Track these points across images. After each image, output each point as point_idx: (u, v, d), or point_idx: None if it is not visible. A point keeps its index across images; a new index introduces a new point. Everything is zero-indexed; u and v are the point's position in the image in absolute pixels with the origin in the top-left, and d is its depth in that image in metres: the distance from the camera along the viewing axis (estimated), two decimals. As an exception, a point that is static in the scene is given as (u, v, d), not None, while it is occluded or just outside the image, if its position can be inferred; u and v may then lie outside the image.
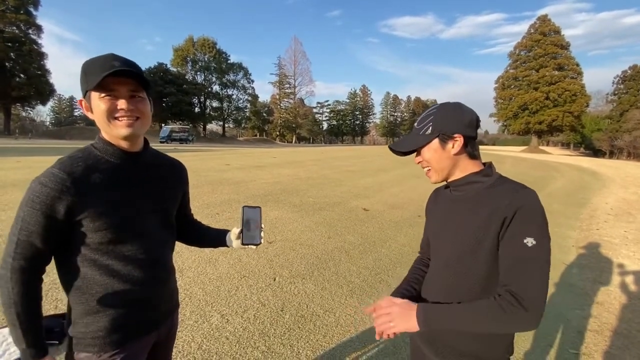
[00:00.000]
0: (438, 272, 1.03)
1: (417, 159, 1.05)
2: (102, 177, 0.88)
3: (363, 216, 5.96)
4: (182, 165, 1.18)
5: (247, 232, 1.12)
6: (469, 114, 0.97)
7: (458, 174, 1.00)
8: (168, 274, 1.08)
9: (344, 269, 3.64)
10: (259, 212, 1.15)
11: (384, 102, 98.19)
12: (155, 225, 1.00)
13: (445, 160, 0.98)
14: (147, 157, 1.00)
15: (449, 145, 0.96)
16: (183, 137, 38.94)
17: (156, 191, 1.01)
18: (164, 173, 1.06)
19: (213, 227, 1.28)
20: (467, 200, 0.97)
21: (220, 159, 15.72)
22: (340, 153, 24.03)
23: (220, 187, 7.83)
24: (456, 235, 0.96)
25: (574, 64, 49.43)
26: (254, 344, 2.26)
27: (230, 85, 58.96)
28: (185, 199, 1.20)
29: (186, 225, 1.22)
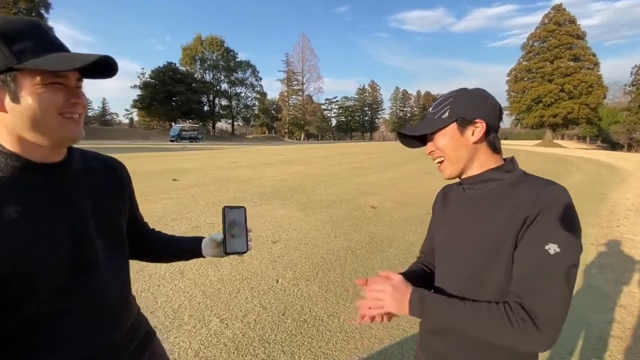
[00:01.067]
0: (448, 280, 0.88)
1: (428, 147, 0.90)
2: (16, 209, 0.61)
3: (371, 214, 5.81)
4: (119, 163, 0.91)
5: (231, 239, 0.91)
6: (492, 99, 0.84)
7: (475, 169, 0.85)
8: (129, 311, 0.85)
9: (350, 269, 3.52)
10: (243, 213, 0.95)
11: (393, 97, 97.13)
12: (105, 252, 0.76)
13: (462, 149, 0.83)
14: (74, 165, 0.74)
15: (468, 132, 0.82)
16: (193, 136, 39.30)
17: (98, 206, 0.76)
18: (101, 179, 0.80)
19: (181, 236, 1.07)
20: (485, 201, 0.82)
21: (228, 156, 15.75)
22: (349, 149, 23.84)
23: (227, 185, 7.78)
24: (470, 244, 0.82)
25: (591, 55, 47.83)
26: (253, 351, 2.16)
27: (238, 83, 59.18)
28: (133, 206, 0.94)
29: (142, 237, 0.99)
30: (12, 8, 31.58)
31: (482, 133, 0.81)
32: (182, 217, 5.01)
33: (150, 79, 48.04)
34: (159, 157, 15.30)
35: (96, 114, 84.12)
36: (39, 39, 0.61)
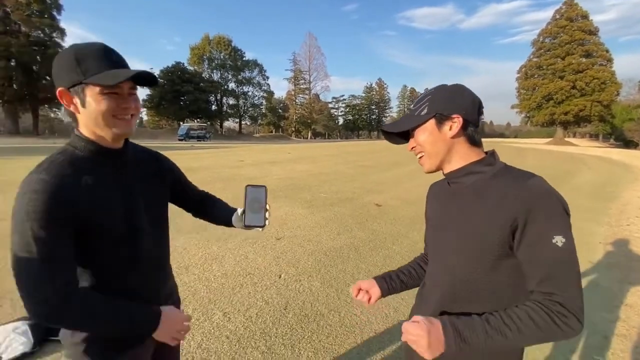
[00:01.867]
0: (437, 275, 0.91)
1: (410, 143, 0.93)
2: (91, 178, 0.82)
3: (375, 212, 5.81)
4: (162, 155, 1.12)
5: (251, 214, 1.04)
6: (469, 95, 0.86)
7: (456, 163, 0.87)
8: (166, 272, 1.07)
9: (352, 266, 3.54)
10: (263, 191, 1.06)
11: (401, 95, 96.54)
12: (150, 223, 0.95)
13: (440, 144, 0.86)
14: (129, 153, 0.95)
15: (445, 127, 0.84)
16: (200, 135, 39.62)
17: (145, 187, 0.96)
18: (148, 167, 1.01)
19: (227, 205, 1.24)
20: (467, 194, 0.85)
21: (235, 155, 15.87)
22: (355, 148, 23.80)
23: (233, 183, 7.86)
24: (456, 233, 0.84)
25: (604, 50, 46.72)
26: (254, 344, 2.20)
27: (245, 83, 59.44)
28: (182, 184, 1.18)
29: (198, 202, 1.24)
30: (26, 10, 32.23)
31: (459, 128, 0.83)
32: (188, 215, 5.07)
33: (159, 78, 48.51)
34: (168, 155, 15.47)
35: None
36: (100, 59, 0.78)
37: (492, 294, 0.80)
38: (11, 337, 2.04)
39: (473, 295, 0.82)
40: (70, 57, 0.77)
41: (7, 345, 2.01)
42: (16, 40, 32.06)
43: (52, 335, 2.14)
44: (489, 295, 0.81)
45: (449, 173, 0.90)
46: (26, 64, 33.28)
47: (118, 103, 0.81)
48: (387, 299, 2.89)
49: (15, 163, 9.96)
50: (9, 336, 2.05)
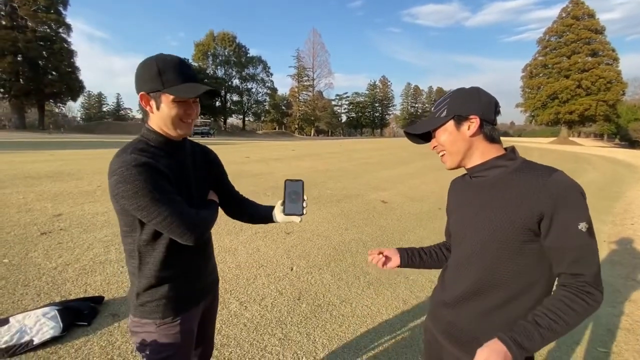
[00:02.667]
0: (462, 265, 0.98)
1: (432, 142, 1.02)
2: (164, 162, 0.99)
3: (381, 208, 5.90)
4: (211, 150, 1.30)
5: (290, 204, 1.16)
6: (486, 96, 0.94)
7: (477, 159, 0.96)
8: (211, 249, 1.24)
9: (361, 260, 3.63)
10: (301, 185, 1.17)
11: (405, 93, 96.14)
12: (201, 205, 1.11)
13: (460, 143, 0.94)
14: (187, 145, 1.13)
15: (464, 127, 0.93)
16: (205, 131, 39.80)
17: (198, 173, 1.14)
18: (200, 157, 1.19)
19: (261, 204, 1.36)
20: (490, 186, 0.93)
21: (240, 151, 15.97)
22: (359, 145, 23.83)
23: (240, 179, 7.95)
24: (480, 224, 0.92)
25: (610, 50, 46.34)
26: (271, 331, 2.30)
27: (249, 79, 59.55)
28: (224, 179, 1.31)
29: (234, 202, 1.33)
30: (33, 5, 32.38)
31: (477, 127, 0.92)
32: (199, 208, 5.19)
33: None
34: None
35: (110, 109, 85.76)
36: (178, 73, 0.96)
37: (515, 277, 0.88)
38: (41, 322, 2.15)
39: (498, 278, 0.89)
40: (153, 67, 0.94)
41: (38, 329, 2.12)
42: (23, 36, 32.26)
43: (80, 320, 2.25)
44: (511, 277, 0.88)
45: (471, 168, 0.98)
46: (33, 59, 33.49)
47: (185, 109, 0.99)
48: (398, 291, 3.00)
49: (38, 156, 10.11)
50: (40, 321, 2.15)
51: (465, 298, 0.95)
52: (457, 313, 0.98)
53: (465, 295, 0.95)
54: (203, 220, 1.02)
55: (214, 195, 1.22)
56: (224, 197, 1.28)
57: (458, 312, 0.97)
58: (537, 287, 0.88)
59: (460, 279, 0.98)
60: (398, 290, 3.02)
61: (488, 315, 0.91)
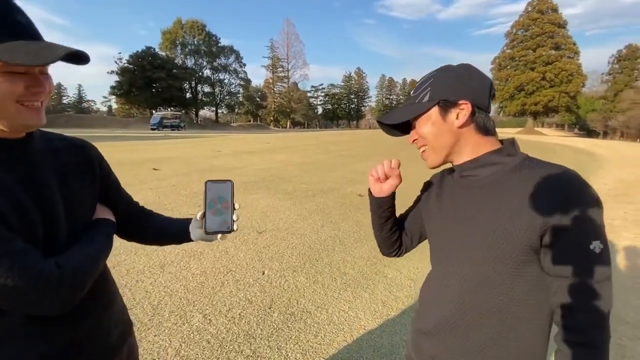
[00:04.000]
0: (443, 286, 0.78)
1: (411, 135, 0.81)
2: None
3: (358, 202, 5.75)
4: (88, 144, 0.85)
5: (213, 217, 0.80)
6: (478, 76, 0.73)
7: (467, 154, 0.75)
8: (108, 292, 0.85)
9: (338, 259, 3.44)
10: (229, 187, 0.82)
11: (379, 85, 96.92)
12: (74, 232, 0.73)
13: (445, 135, 0.74)
14: (37, 143, 0.71)
15: (451, 115, 0.72)
16: (175, 124, 38.22)
17: (68, 185, 0.73)
18: (65, 160, 0.76)
19: (173, 217, 0.99)
20: (485, 187, 0.72)
21: (212, 145, 15.36)
22: (336, 137, 23.69)
23: (210, 174, 7.54)
24: (473, 232, 0.72)
25: (571, 43, 48.83)
26: (237, 348, 2.06)
27: (221, 70, 57.61)
28: (112, 187, 0.90)
29: (132, 219, 0.93)
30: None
31: (467, 116, 0.71)
32: (163, 208, 4.80)
33: (128, 64, 46.04)
34: (139, 145, 14.76)
35: (72, 102, 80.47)
36: (3, 22, 0.55)
37: (504, 308, 0.68)
38: None
39: (483, 306, 0.70)
40: None
41: None
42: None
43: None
44: (499, 309, 0.69)
45: (459, 165, 0.78)
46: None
47: (27, 85, 0.59)
48: (376, 292, 2.84)
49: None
50: None
51: (447, 327, 0.75)
52: (440, 345, 0.77)
53: (448, 323, 0.75)
54: (75, 265, 0.64)
55: (104, 211, 0.83)
56: (116, 214, 0.87)
57: (441, 344, 0.77)
58: (537, 318, 0.69)
59: (441, 302, 0.78)
60: (376, 291, 2.86)
61: (479, 353, 0.71)
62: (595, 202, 0.63)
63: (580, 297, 0.62)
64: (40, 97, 0.62)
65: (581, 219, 0.61)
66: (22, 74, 0.58)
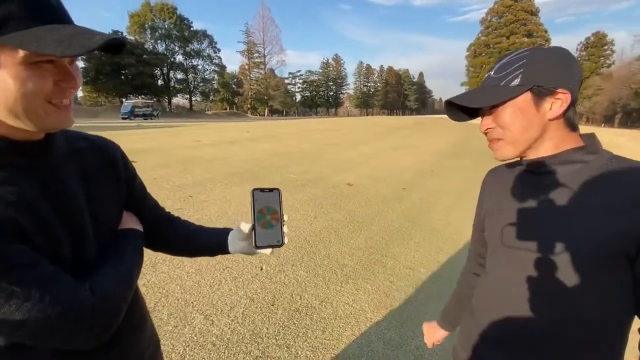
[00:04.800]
0: (517, 293, 0.70)
1: (485, 123, 0.72)
2: (9, 190, 0.50)
3: (348, 192, 5.72)
4: (111, 143, 0.76)
5: (262, 230, 0.73)
6: (577, 64, 0.66)
7: (546, 150, 0.68)
8: (140, 311, 0.77)
9: (335, 251, 3.41)
10: (277, 196, 0.77)
11: (357, 72, 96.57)
12: (102, 247, 0.64)
13: (533, 127, 0.66)
14: (57, 145, 0.61)
15: (545, 105, 0.65)
16: (147, 113, 36.43)
17: (88, 194, 0.63)
18: (89, 163, 0.66)
19: (206, 227, 0.90)
20: (566, 187, 0.66)
21: (189, 134, 14.79)
22: (317, 125, 23.47)
23: (192, 165, 7.26)
24: (545, 240, 0.66)
25: (543, 31, 50.45)
26: (245, 349, 1.98)
27: (194, 55, 55.19)
28: (137, 192, 0.80)
29: (158, 227, 0.84)
30: None
31: (564, 107, 0.64)
32: (147, 202, 4.56)
33: (93, 49, 43.07)
34: (113, 136, 13.70)
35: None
36: (29, 3, 0.45)
37: (583, 318, 0.64)
38: None
39: (562, 316, 0.64)
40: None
41: None
42: None
43: None
44: (579, 319, 0.64)
45: (535, 161, 0.70)
46: None
47: (56, 80, 0.49)
48: (378, 283, 2.83)
49: None
50: None
51: (521, 337, 0.70)
52: (511, 356, 0.72)
53: (522, 333, 0.70)
54: (109, 289, 0.56)
55: (131, 219, 0.74)
56: (142, 222, 0.79)
57: (513, 355, 0.71)
58: (617, 329, 0.65)
59: (513, 311, 0.71)
60: (377, 281, 2.85)
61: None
62: None
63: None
64: (70, 93, 0.53)
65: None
66: (50, 64, 0.48)
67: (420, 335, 2.20)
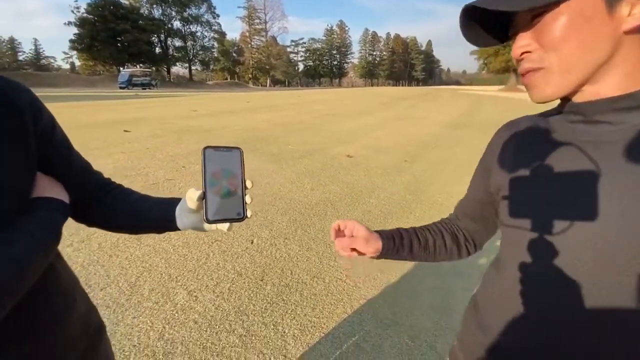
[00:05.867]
0: (551, 294, 0.50)
1: (520, 42, 0.48)
2: None
3: (347, 163, 5.50)
4: (16, 86, 0.54)
5: (216, 198, 0.54)
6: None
7: (614, 85, 0.45)
8: (63, 298, 0.62)
9: (331, 224, 3.24)
10: (238, 157, 0.57)
11: (363, 40, 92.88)
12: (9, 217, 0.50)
13: (600, 44, 0.43)
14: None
15: (621, 10, 0.41)
16: (145, 82, 35.58)
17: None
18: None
19: (152, 196, 0.71)
20: (632, 146, 0.44)
21: (187, 104, 14.41)
22: (319, 96, 22.83)
23: (187, 135, 7.03)
24: (603, 223, 0.45)
25: None
26: (229, 327, 1.87)
27: (192, 21, 53.04)
28: (57, 151, 0.61)
29: (88, 196, 0.67)
30: None
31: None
32: (137, 173, 4.39)
33: (87, 14, 41.43)
34: (107, 105, 13.63)
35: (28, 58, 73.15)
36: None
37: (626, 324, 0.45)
38: None
39: (615, 325, 0.46)
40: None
41: None
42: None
43: None
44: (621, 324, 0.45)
45: (592, 103, 0.47)
46: None
47: None
48: (372, 260, 2.69)
49: None
50: None
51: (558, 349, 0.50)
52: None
53: (559, 344, 0.50)
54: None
55: (49, 186, 0.58)
56: (68, 188, 0.62)
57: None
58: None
59: (543, 316, 0.52)
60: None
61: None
62: None
63: None
64: None
65: None
66: None
67: (416, 313, 2.09)
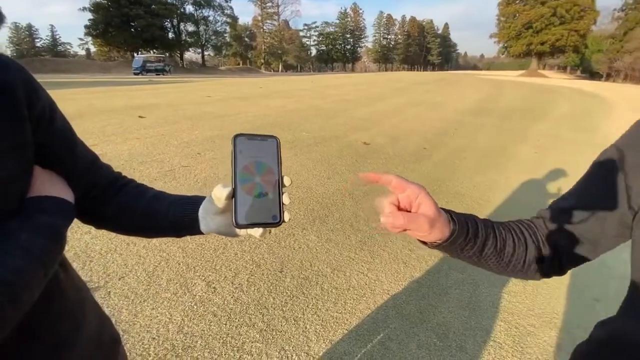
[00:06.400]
0: None
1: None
2: None
3: (364, 151, 5.35)
4: (7, 62, 0.43)
5: (248, 198, 0.43)
6: None
7: None
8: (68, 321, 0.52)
9: (349, 214, 3.15)
10: (275, 148, 0.47)
11: (377, 23, 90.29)
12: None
13: None
14: None
15: None
16: (159, 68, 35.60)
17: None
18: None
19: (171, 194, 0.59)
20: None
21: (200, 90, 14.33)
22: (332, 81, 22.39)
23: (201, 122, 6.96)
24: None
25: (587, -26, 44.72)
26: (249, 321, 1.81)
27: (205, 5, 52.45)
28: (58, 140, 0.51)
29: (95, 193, 0.56)
30: None
31: None
32: (152, 159, 4.36)
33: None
34: (122, 91, 13.69)
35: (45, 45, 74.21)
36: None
37: None
38: None
39: None
40: None
41: None
42: None
43: None
44: None
45: None
46: None
47: None
48: (396, 251, 2.58)
49: None
50: None
51: None
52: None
53: None
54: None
55: (50, 182, 0.48)
56: (72, 184, 0.52)
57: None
58: None
59: None
60: (395, 249, 2.61)
61: None
62: None
63: None
64: None
65: None
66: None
67: (443, 311, 1.98)
